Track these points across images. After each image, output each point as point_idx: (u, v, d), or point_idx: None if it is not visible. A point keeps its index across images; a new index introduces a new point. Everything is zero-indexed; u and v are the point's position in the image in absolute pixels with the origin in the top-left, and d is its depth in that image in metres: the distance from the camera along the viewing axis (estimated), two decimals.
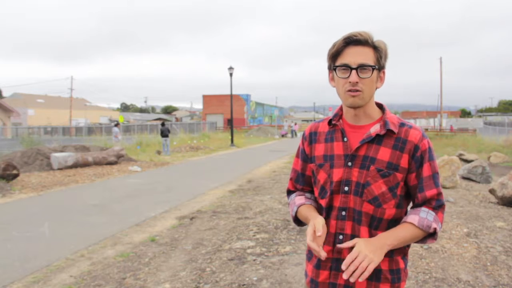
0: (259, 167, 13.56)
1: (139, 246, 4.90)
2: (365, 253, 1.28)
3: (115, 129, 19.02)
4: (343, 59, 1.39)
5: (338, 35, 1.45)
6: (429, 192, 1.40)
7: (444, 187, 8.41)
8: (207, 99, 59.16)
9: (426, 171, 1.41)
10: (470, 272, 3.79)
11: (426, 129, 43.97)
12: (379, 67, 1.41)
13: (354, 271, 1.27)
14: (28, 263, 4.33)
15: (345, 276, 1.28)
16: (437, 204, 1.41)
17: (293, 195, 1.66)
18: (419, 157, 1.40)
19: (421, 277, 3.68)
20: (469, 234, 4.98)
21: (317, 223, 1.38)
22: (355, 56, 1.37)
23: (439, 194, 1.41)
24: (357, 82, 1.37)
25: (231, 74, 26.09)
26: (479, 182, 9.47)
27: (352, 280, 1.28)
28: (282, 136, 40.28)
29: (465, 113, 76.93)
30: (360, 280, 1.28)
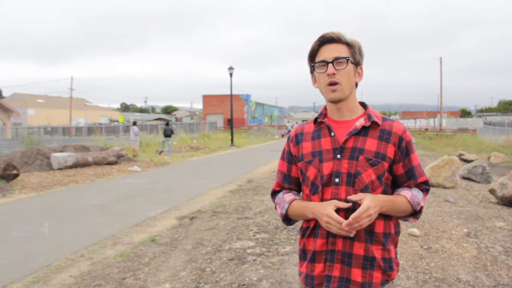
0: (259, 167, 13.57)
1: (139, 246, 4.90)
2: (371, 211, 1.38)
3: (135, 128, 18.41)
4: (320, 57, 1.51)
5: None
6: (421, 179, 1.55)
7: (444, 187, 8.41)
8: (207, 99, 59.16)
9: (414, 160, 1.54)
10: (470, 272, 3.78)
11: (426, 129, 43.96)
12: (355, 61, 1.52)
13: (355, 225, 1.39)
14: (28, 263, 4.33)
15: (345, 225, 1.37)
16: (425, 188, 1.56)
17: (280, 194, 1.67)
18: (404, 147, 1.51)
19: (421, 277, 3.68)
20: (469, 234, 4.98)
21: (333, 205, 1.45)
22: (330, 52, 1.50)
23: (428, 180, 1.58)
24: (334, 74, 1.47)
25: (231, 74, 26.06)
26: (479, 182, 9.47)
27: (350, 233, 1.40)
28: (282, 136, 40.33)
29: (465, 113, 76.86)
30: (351, 235, 1.40)
